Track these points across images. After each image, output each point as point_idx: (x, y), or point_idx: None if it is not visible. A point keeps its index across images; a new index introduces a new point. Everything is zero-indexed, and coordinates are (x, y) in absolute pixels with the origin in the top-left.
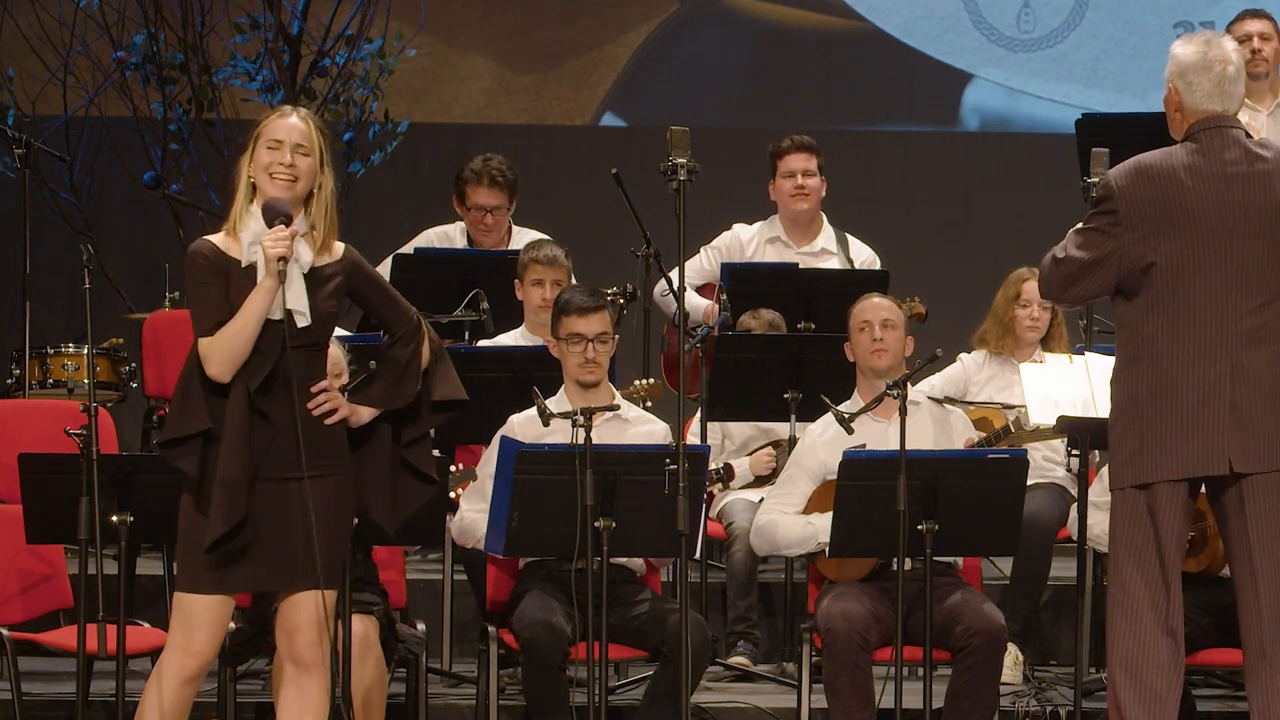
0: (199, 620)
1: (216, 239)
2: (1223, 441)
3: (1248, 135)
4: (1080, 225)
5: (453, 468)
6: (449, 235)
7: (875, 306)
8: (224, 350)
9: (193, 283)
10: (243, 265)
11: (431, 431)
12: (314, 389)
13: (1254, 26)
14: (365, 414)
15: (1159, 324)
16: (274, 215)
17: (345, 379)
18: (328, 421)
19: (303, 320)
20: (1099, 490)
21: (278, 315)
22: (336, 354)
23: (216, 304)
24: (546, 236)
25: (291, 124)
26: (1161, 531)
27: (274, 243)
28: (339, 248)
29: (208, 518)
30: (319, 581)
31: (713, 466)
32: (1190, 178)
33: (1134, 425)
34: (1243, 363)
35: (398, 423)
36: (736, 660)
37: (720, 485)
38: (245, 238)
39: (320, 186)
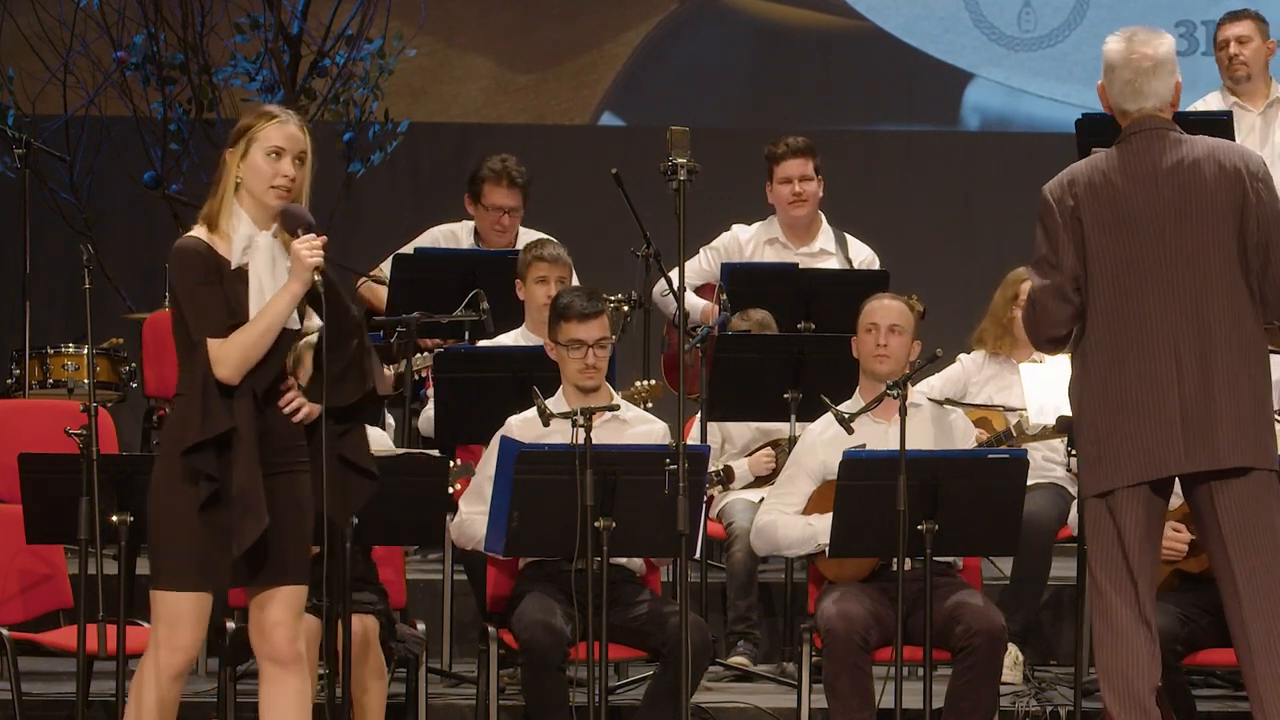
0: (184, 617)
1: (201, 235)
2: (1173, 442)
3: (1178, 133)
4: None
5: (452, 463)
6: (456, 234)
7: (885, 309)
8: (241, 353)
9: (190, 282)
10: (233, 266)
11: (367, 426)
12: (283, 387)
13: (1231, 31)
14: (315, 410)
15: (1103, 331)
16: (297, 223)
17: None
18: (295, 419)
19: (293, 323)
20: None
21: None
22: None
23: (223, 304)
24: (549, 236)
25: (293, 133)
26: (1124, 535)
27: (311, 251)
28: None
29: (216, 517)
30: (297, 576)
31: (713, 469)
32: (1120, 182)
33: (1090, 434)
34: (1186, 361)
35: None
36: (736, 660)
37: (720, 488)
38: (237, 241)
39: (300, 195)
